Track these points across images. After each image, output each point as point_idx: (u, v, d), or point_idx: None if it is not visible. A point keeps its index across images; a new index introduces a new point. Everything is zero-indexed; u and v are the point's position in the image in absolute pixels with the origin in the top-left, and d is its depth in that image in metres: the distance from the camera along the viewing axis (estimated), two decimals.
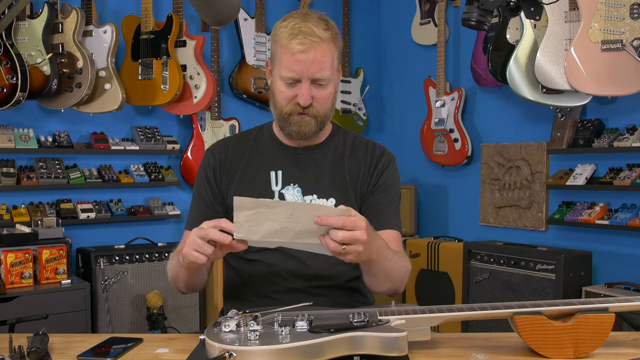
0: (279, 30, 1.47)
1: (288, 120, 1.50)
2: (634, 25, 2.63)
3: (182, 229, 1.74)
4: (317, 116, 1.50)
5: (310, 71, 1.44)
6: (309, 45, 1.42)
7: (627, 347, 1.30)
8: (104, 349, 1.30)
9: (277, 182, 1.56)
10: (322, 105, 1.49)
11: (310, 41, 1.43)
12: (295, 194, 1.55)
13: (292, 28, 1.44)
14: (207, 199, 1.60)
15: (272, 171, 1.57)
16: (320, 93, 1.48)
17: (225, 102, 3.80)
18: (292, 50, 1.43)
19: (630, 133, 2.89)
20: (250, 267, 1.56)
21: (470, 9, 1.63)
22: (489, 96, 3.66)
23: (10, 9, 1.23)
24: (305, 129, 1.50)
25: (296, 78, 1.45)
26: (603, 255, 3.06)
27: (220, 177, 1.60)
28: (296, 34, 1.43)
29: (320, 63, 1.44)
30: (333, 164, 1.59)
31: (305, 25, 1.44)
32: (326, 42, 1.45)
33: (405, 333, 1.15)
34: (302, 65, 1.43)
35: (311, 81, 1.45)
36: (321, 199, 1.54)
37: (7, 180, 3.04)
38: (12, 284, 2.78)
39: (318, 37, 1.43)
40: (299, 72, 1.44)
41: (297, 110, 1.48)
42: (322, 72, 1.45)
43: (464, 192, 3.84)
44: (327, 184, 1.56)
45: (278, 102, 1.51)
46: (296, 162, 1.58)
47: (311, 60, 1.43)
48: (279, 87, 1.49)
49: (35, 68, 3.01)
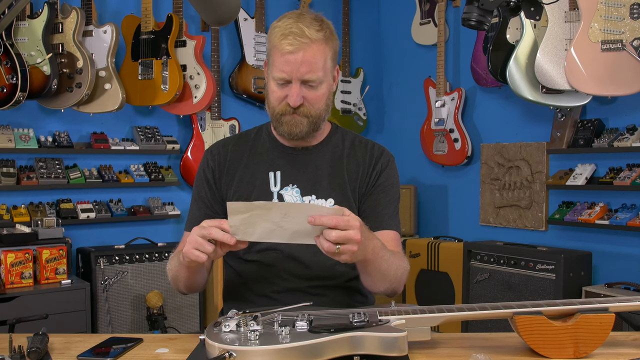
0: (273, 31, 1.47)
1: (280, 120, 1.50)
2: (634, 25, 2.63)
3: (182, 229, 1.74)
4: (309, 116, 1.49)
5: (300, 72, 1.43)
6: (298, 46, 1.42)
7: (627, 347, 1.29)
8: (104, 349, 1.30)
9: (276, 183, 1.56)
10: (314, 105, 1.48)
11: (299, 42, 1.42)
12: (294, 195, 1.55)
13: (284, 28, 1.44)
14: (207, 199, 1.60)
15: (271, 172, 1.57)
16: (311, 94, 1.47)
17: (225, 102, 3.80)
18: (282, 50, 1.43)
19: (630, 133, 2.89)
20: (250, 267, 1.56)
21: (470, 9, 1.63)
22: (489, 96, 3.66)
23: (10, 9, 1.23)
24: (296, 129, 1.49)
25: (286, 79, 1.45)
26: (603, 255, 3.06)
27: (219, 178, 1.60)
28: (287, 35, 1.43)
29: (310, 64, 1.44)
30: (332, 164, 1.58)
31: (296, 26, 1.43)
32: (317, 43, 1.44)
33: (405, 333, 1.15)
34: (291, 66, 1.43)
35: (302, 82, 1.45)
36: (320, 200, 1.54)
37: (7, 180, 3.04)
38: (12, 284, 2.78)
39: (308, 38, 1.43)
40: (289, 73, 1.44)
41: (288, 111, 1.48)
42: (312, 73, 1.44)
43: (464, 192, 3.84)
44: (325, 184, 1.56)
45: (271, 102, 1.51)
46: (295, 163, 1.58)
47: (300, 61, 1.43)
48: (272, 87, 1.49)
49: (35, 68, 3.01)
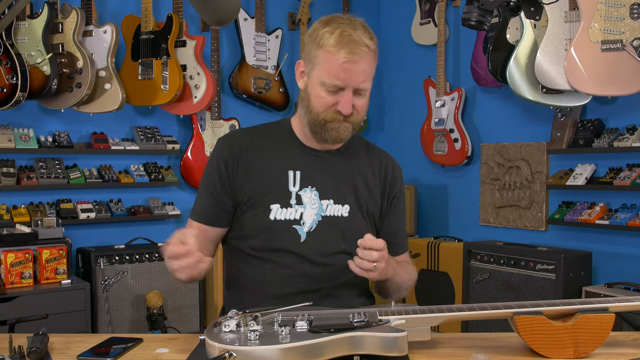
0: (324, 35, 1.44)
1: (325, 126, 1.48)
2: (634, 25, 2.63)
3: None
4: (354, 123, 1.50)
5: (357, 81, 1.43)
6: (360, 56, 1.42)
7: (627, 347, 1.30)
8: (104, 349, 1.30)
9: (295, 183, 1.54)
10: (360, 113, 1.50)
11: (361, 51, 1.42)
12: (312, 197, 1.53)
13: (341, 35, 1.42)
14: (215, 192, 1.55)
15: (291, 171, 1.55)
16: (359, 102, 1.48)
17: (225, 102, 3.80)
18: (341, 59, 1.41)
19: (630, 133, 2.89)
20: (250, 268, 1.56)
21: (470, 9, 1.63)
22: (489, 96, 3.66)
23: (10, 9, 1.23)
24: (343, 135, 1.51)
25: (341, 86, 1.44)
26: (603, 255, 3.06)
27: (233, 169, 1.54)
28: (346, 42, 1.41)
29: (366, 74, 1.45)
30: (351, 169, 1.59)
31: (356, 34, 1.42)
32: (373, 53, 1.46)
33: (405, 333, 1.16)
34: (349, 74, 1.42)
35: (354, 91, 1.45)
36: (337, 205, 1.54)
37: (7, 180, 3.04)
38: (12, 284, 2.78)
39: (367, 47, 1.43)
40: (345, 81, 1.43)
41: (338, 118, 1.47)
42: (366, 82, 1.46)
43: (464, 192, 3.84)
44: (344, 189, 1.56)
45: (314, 107, 1.48)
46: (316, 165, 1.57)
47: (360, 70, 1.43)
48: (318, 92, 1.46)
49: (35, 68, 3.01)
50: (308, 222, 1.51)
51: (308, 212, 1.52)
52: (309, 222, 1.52)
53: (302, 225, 1.51)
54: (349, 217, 1.54)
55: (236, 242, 1.57)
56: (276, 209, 1.51)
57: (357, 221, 1.56)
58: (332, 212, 1.53)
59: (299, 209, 1.52)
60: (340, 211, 1.54)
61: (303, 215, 1.51)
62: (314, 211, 1.52)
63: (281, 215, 1.51)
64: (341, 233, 1.53)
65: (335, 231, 1.53)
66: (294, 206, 1.52)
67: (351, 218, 1.55)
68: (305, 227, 1.51)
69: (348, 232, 1.53)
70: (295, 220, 1.51)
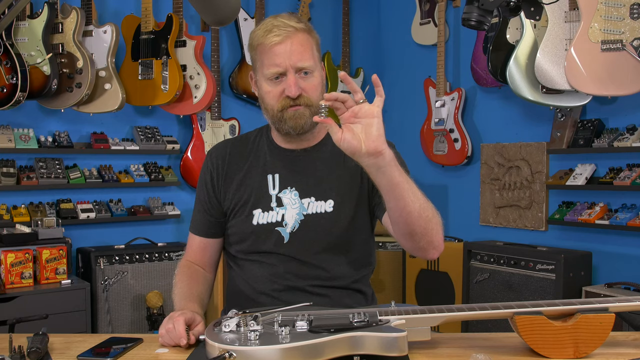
0: (254, 35, 1.51)
1: (282, 118, 1.48)
2: (634, 25, 2.63)
3: (182, 229, 1.76)
4: (310, 106, 1.48)
5: (292, 60, 1.45)
6: (284, 36, 1.45)
7: (627, 347, 1.29)
8: (104, 349, 1.30)
9: (275, 186, 1.56)
10: (312, 94, 1.48)
11: (285, 31, 1.45)
12: (292, 198, 1.54)
13: (265, 25, 1.48)
14: (205, 203, 1.62)
15: (269, 175, 1.56)
16: (307, 83, 1.47)
17: (225, 102, 3.80)
18: (270, 44, 1.45)
19: (630, 133, 2.89)
20: (251, 268, 1.57)
21: (470, 9, 1.63)
22: (489, 96, 3.66)
23: (10, 9, 1.23)
24: (301, 121, 1.48)
25: (280, 71, 1.45)
26: (603, 255, 3.06)
27: (217, 181, 1.61)
28: (270, 29, 1.46)
29: (300, 52, 1.45)
30: (331, 164, 1.57)
31: (277, 20, 1.47)
32: (301, 32, 1.47)
33: (405, 333, 1.15)
34: (282, 56, 1.44)
35: (295, 71, 1.46)
36: (319, 201, 1.54)
37: (7, 180, 3.04)
38: (12, 284, 2.78)
39: (292, 27, 1.46)
40: (281, 64, 1.45)
41: (288, 104, 1.47)
42: (304, 60, 1.46)
43: (464, 192, 3.84)
44: (325, 185, 1.55)
45: (269, 104, 1.50)
46: (293, 165, 1.57)
47: (289, 50, 1.45)
48: (266, 88, 1.49)
49: (35, 68, 3.01)
50: (290, 223, 1.52)
51: (289, 213, 1.53)
52: (291, 223, 1.52)
53: (284, 226, 1.53)
54: (334, 212, 1.53)
55: (227, 247, 1.65)
56: (258, 213, 1.54)
57: (344, 213, 1.53)
58: (314, 209, 1.53)
59: (280, 211, 1.53)
60: (324, 207, 1.53)
61: (285, 217, 1.53)
62: (295, 211, 1.53)
63: (263, 219, 1.53)
64: (327, 229, 1.52)
65: (320, 228, 1.52)
66: (274, 209, 1.53)
67: (336, 212, 1.53)
68: (288, 228, 1.52)
69: (335, 226, 1.52)
70: (278, 222, 1.53)
